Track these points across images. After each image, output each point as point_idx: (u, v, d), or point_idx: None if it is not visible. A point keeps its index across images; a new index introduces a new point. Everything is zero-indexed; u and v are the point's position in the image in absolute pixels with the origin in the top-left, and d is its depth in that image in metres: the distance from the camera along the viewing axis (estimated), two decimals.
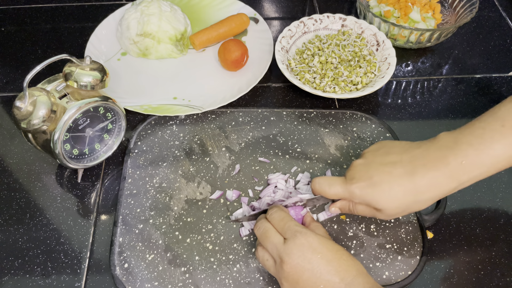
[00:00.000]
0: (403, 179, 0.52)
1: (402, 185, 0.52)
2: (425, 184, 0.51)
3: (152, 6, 0.82)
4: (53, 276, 0.59)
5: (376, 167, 0.54)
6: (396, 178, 0.52)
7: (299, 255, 0.50)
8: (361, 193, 0.54)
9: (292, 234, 0.52)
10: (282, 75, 0.78)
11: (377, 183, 0.53)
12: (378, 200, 0.53)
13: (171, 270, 0.59)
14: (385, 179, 0.52)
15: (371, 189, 0.53)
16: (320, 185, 0.57)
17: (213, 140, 0.72)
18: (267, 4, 0.99)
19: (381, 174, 0.53)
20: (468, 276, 0.60)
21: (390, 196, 0.52)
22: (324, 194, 0.57)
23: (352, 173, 0.55)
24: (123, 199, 0.65)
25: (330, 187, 0.56)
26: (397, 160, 0.53)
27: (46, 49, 0.87)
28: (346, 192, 0.55)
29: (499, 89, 0.82)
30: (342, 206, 0.58)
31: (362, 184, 0.54)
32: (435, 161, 0.51)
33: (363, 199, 0.54)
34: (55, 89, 0.62)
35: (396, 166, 0.53)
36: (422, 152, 0.53)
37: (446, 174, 0.51)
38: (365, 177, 0.54)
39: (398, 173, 0.52)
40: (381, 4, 0.91)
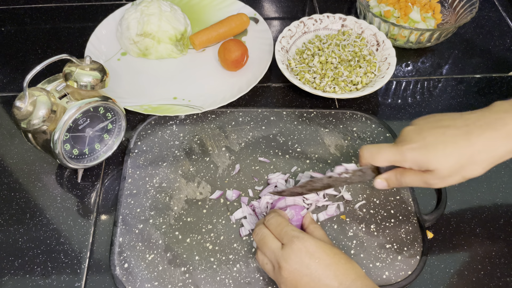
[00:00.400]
0: (459, 137, 0.50)
1: (457, 143, 0.50)
2: (482, 143, 0.50)
3: (152, 6, 0.82)
4: (53, 276, 0.59)
5: (429, 130, 0.52)
6: (451, 137, 0.50)
7: (296, 260, 0.50)
8: (413, 154, 0.51)
9: (289, 239, 0.52)
10: (282, 75, 0.78)
11: (431, 143, 0.51)
12: (431, 159, 0.50)
13: (171, 270, 0.59)
14: (440, 139, 0.51)
15: (425, 149, 0.51)
16: (369, 150, 0.55)
17: (213, 140, 0.72)
18: (267, 4, 0.99)
19: (434, 135, 0.51)
20: (468, 276, 0.60)
21: (445, 153, 0.50)
22: (373, 161, 0.55)
23: (403, 137, 0.53)
24: (123, 199, 0.65)
25: (379, 151, 0.54)
26: (451, 123, 0.52)
27: (46, 49, 0.87)
28: (397, 155, 0.53)
29: (499, 89, 0.82)
30: (389, 178, 0.56)
31: (414, 145, 0.52)
32: (492, 122, 0.50)
33: (415, 161, 0.52)
34: (55, 89, 0.62)
35: (450, 128, 0.51)
36: (477, 115, 0.52)
37: (503, 134, 0.49)
38: (418, 138, 0.52)
39: (452, 133, 0.51)
40: (381, 4, 0.91)
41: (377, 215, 0.64)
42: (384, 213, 0.64)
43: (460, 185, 0.68)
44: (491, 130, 0.50)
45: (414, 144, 0.52)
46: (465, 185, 0.68)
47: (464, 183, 0.68)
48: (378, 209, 0.64)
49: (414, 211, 0.64)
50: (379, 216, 0.63)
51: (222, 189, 0.66)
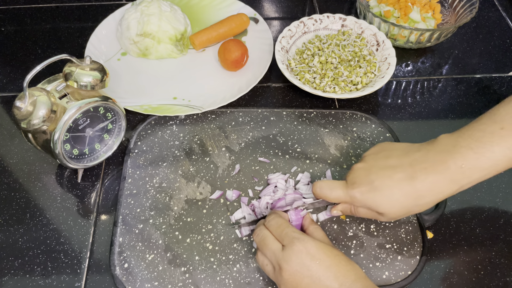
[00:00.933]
0: (404, 183, 0.52)
1: (403, 189, 0.52)
2: (426, 188, 0.51)
3: (152, 6, 0.82)
4: (53, 276, 0.59)
5: (377, 171, 0.54)
6: (397, 182, 0.52)
7: (297, 262, 0.50)
8: (362, 198, 0.54)
9: (290, 241, 0.52)
10: (282, 75, 0.78)
11: (378, 187, 0.53)
12: (380, 204, 0.53)
13: (171, 270, 0.59)
14: (386, 184, 0.53)
15: (372, 193, 0.53)
16: (322, 189, 0.57)
17: (213, 140, 0.72)
18: (267, 4, 0.98)
19: (381, 178, 0.53)
20: (468, 276, 0.60)
21: (391, 200, 0.53)
22: (326, 198, 0.57)
23: (352, 177, 0.56)
24: (123, 199, 0.65)
25: (331, 191, 0.57)
26: (398, 164, 0.53)
27: (46, 49, 0.87)
28: (347, 196, 0.55)
29: (499, 89, 0.82)
30: (344, 209, 0.59)
31: (363, 188, 0.54)
32: (435, 165, 0.51)
33: (364, 204, 0.54)
34: (55, 89, 0.62)
35: (397, 170, 0.53)
36: (422, 155, 0.53)
37: (447, 178, 0.51)
38: (366, 181, 0.54)
39: (398, 177, 0.52)
40: (381, 4, 0.91)
41: None
42: None
43: None
44: (434, 174, 0.51)
45: (363, 187, 0.54)
46: None
47: None
48: None
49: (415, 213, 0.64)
50: None
51: (222, 189, 0.66)
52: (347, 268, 0.50)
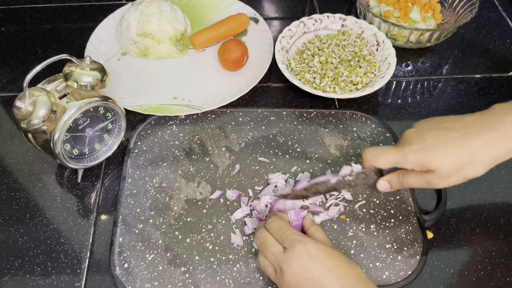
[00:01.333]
0: (458, 139, 0.52)
1: (457, 144, 0.52)
2: (481, 144, 0.51)
3: (152, 6, 0.82)
4: (53, 276, 0.59)
5: (429, 132, 0.54)
6: (451, 139, 0.52)
7: (299, 264, 0.50)
8: (414, 156, 0.53)
9: (291, 243, 0.52)
10: (282, 75, 0.78)
11: (432, 144, 0.52)
12: (432, 159, 0.52)
13: (171, 270, 0.59)
14: (440, 140, 0.52)
15: (426, 150, 0.52)
16: (372, 153, 0.57)
17: (213, 140, 0.72)
18: (267, 4, 0.98)
19: (435, 137, 0.53)
20: (468, 276, 0.60)
21: (444, 154, 0.52)
22: (376, 162, 0.56)
23: (404, 139, 0.55)
24: (123, 199, 0.65)
25: (382, 153, 0.56)
26: (451, 125, 0.53)
27: (46, 49, 0.87)
28: (399, 156, 0.54)
29: (499, 89, 0.82)
30: (391, 179, 0.57)
31: (415, 146, 0.53)
32: (490, 123, 0.52)
33: (416, 161, 0.53)
34: (55, 89, 0.62)
35: (450, 130, 0.53)
36: (476, 118, 0.53)
37: (501, 135, 0.51)
38: (418, 140, 0.53)
39: (452, 135, 0.52)
40: (381, 4, 0.91)
41: (377, 215, 0.64)
42: (384, 213, 0.64)
43: (460, 185, 0.68)
44: (489, 131, 0.51)
45: (415, 145, 0.53)
46: (465, 185, 0.68)
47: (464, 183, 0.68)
48: (378, 209, 0.64)
49: (414, 211, 0.64)
50: (379, 216, 0.63)
51: (222, 189, 0.66)
52: (349, 270, 0.50)
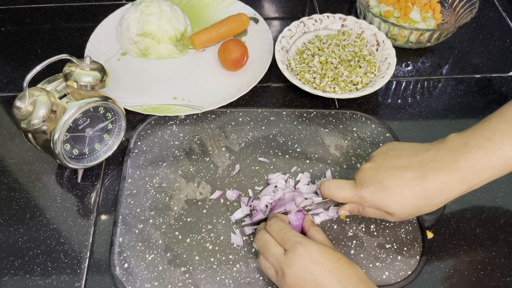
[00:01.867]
0: (414, 183, 0.51)
1: (413, 189, 0.52)
2: (436, 188, 0.51)
3: (152, 6, 0.82)
4: (53, 276, 0.59)
5: (386, 171, 0.53)
6: (407, 182, 0.52)
7: (300, 266, 0.50)
8: (371, 198, 0.54)
9: (292, 245, 0.51)
10: (282, 75, 0.78)
11: (388, 187, 0.52)
12: (390, 204, 0.53)
13: (171, 270, 0.59)
14: (396, 184, 0.52)
15: (382, 193, 0.53)
16: (330, 188, 0.57)
17: (213, 140, 0.72)
18: (267, 4, 0.98)
19: (391, 178, 0.53)
20: (468, 276, 0.60)
21: (401, 200, 0.52)
22: (334, 198, 0.57)
23: (361, 176, 0.55)
24: (123, 199, 0.65)
25: (339, 191, 0.56)
26: (407, 163, 0.53)
27: (46, 49, 0.87)
28: (356, 196, 0.55)
29: (499, 89, 0.82)
30: (352, 209, 0.58)
31: (372, 188, 0.54)
32: (446, 165, 0.51)
33: (373, 204, 0.54)
34: (55, 89, 0.62)
35: (406, 170, 0.52)
36: (432, 155, 0.52)
37: (457, 178, 0.50)
38: (375, 181, 0.53)
39: (408, 177, 0.52)
40: (381, 4, 0.91)
41: None
42: None
43: None
44: (445, 174, 0.51)
45: (372, 187, 0.54)
46: None
47: None
48: None
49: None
50: None
51: (222, 189, 0.66)
52: (350, 271, 0.51)
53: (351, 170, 0.68)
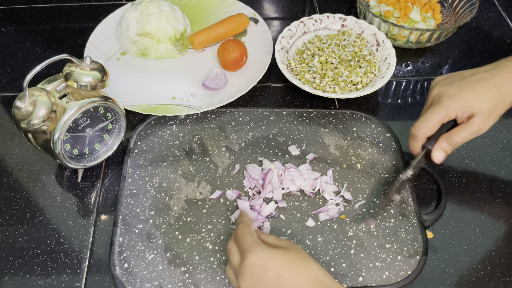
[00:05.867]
0: (488, 82, 0.59)
1: (488, 87, 0.59)
2: (504, 82, 0.59)
3: (152, 6, 0.82)
4: (53, 276, 0.59)
5: (459, 81, 0.60)
6: (481, 82, 0.59)
7: (250, 275, 0.48)
8: (456, 103, 0.58)
9: (243, 253, 0.50)
10: (282, 75, 0.78)
11: (467, 89, 0.59)
12: (473, 101, 0.58)
13: (171, 270, 0.59)
14: (473, 85, 0.59)
15: (464, 94, 0.59)
16: (420, 127, 0.61)
17: (213, 140, 0.72)
18: (267, 4, 0.98)
19: (467, 82, 0.60)
20: (468, 276, 0.60)
21: (482, 94, 0.58)
22: (428, 132, 0.61)
23: (436, 95, 0.61)
24: (123, 199, 0.65)
25: (427, 120, 0.60)
26: (474, 73, 0.61)
27: (46, 49, 0.87)
28: (443, 110, 0.59)
29: None
30: (442, 146, 0.61)
31: (453, 94, 0.59)
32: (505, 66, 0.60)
33: (460, 107, 0.58)
34: (55, 89, 0.62)
35: (477, 75, 0.60)
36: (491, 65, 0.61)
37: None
38: (453, 89, 0.60)
39: (481, 78, 0.60)
40: (381, 4, 0.91)
41: (377, 215, 0.64)
42: (384, 213, 0.64)
43: (460, 185, 0.68)
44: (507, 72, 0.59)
45: (453, 94, 0.59)
46: (465, 185, 0.68)
47: (464, 183, 0.68)
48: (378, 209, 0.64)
49: (414, 211, 0.64)
50: (379, 216, 0.63)
51: (222, 189, 0.66)
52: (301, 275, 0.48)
53: (351, 170, 0.68)
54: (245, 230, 0.53)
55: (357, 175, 0.68)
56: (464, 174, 0.70)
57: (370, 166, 0.69)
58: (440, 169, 0.70)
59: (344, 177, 0.68)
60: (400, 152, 0.70)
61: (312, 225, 0.63)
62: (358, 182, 0.67)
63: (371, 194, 0.66)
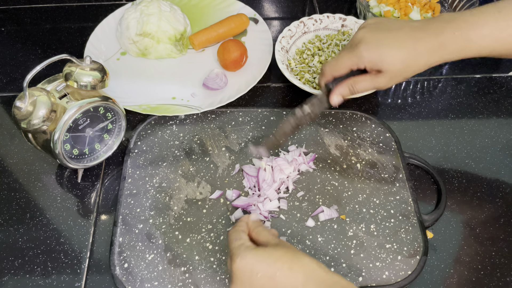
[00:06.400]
0: (408, 42, 0.57)
1: (407, 48, 0.57)
2: (423, 48, 0.57)
3: (152, 6, 0.82)
4: (53, 276, 0.59)
5: (383, 32, 0.59)
6: (402, 42, 0.58)
7: (240, 281, 0.48)
8: (369, 54, 0.58)
9: (232, 258, 0.49)
10: (282, 75, 0.78)
11: (385, 44, 0.58)
12: (386, 59, 0.57)
13: (171, 270, 0.59)
14: (393, 43, 0.58)
15: (380, 49, 0.57)
16: (329, 64, 0.61)
17: (213, 140, 0.72)
18: (267, 4, 0.99)
19: (388, 38, 0.58)
20: (468, 276, 0.60)
21: (396, 56, 0.57)
22: (335, 71, 0.60)
23: (357, 39, 0.59)
24: (123, 199, 0.65)
25: (338, 60, 0.60)
26: (400, 27, 0.59)
27: (46, 49, 0.87)
28: (355, 57, 0.58)
29: (499, 89, 0.82)
30: (342, 90, 0.61)
31: (370, 45, 0.58)
32: (434, 29, 0.57)
33: (371, 59, 0.58)
34: (55, 89, 0.62)
35: (400, 32, 0.58)
36: (422, 24, 0.59)
37: (439, 41, 0.56)
38: (373, 40, 0.58)
39: (403, 37, 0.58)
40: (381, 4, 0.91)
41: (377, 215, 0.64)
42: (384, 213, 0.64)
43: (460, 185, 0.68)
44: (431, 37, 0.57)
45: (370, 44, 0.58)
46: (465, 185, 0.68)
47: (464, 183, 0.68)
48: (378, 209, 0.64)
49: (414, 211, 0.64)
50: (379, 216, 0.63)
51: (222, 189, 0.66)
52: (293, 271, 0.47)
53: (351, 170, 0.68)
54: (233, 236, 0.52)
55: (357, 175, 0.68)
56: (464, 174, 0.70)
57: (370, 166, 0.69)
58: (440, 169, 0.70)
59: (344, 177, 0.68)
60: (400, 152, 0.70)
61: (312, 225, 0.63)
62: (358, 182, 0.67)
63: (371, 194, 0.66)
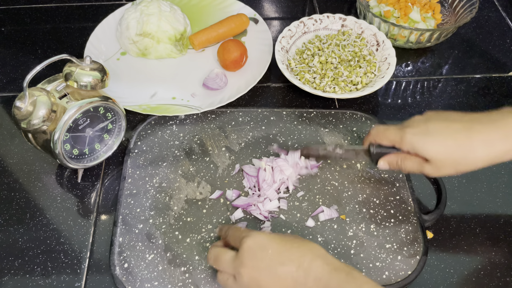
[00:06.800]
0: (460, 134, 0.52)
1: (457, 139, 0.52)
2: (480, 139, 0.52)
3: (152, 6, 0.82)
4: (53, 276, 0.59)
5: (435, 121, 0.55)
6: (453, 132, 0.53)
7: (250, 257, 0.49)
8: (412, 139, 0.54)
9: (240, 241, 0.51)
10: (282, 75, 0.78)
11: (431, 132, 0.54)
12: (429, 148, 0.53)
13: (171, 270, 0.59)
14: (441, 131, 0.53)
15: (424, 136, 0.54)
16: (378, 129, 0.59)
17: (213, 140, 0.72)
18: (267, 4, 0.99)
19: (438, 126, 0.54)
20: (468, 276, 0.60)
21: (441, 146, 0.53)
22: (378, 138, 0.59)
23: (409, 122, 0.57)
24: (123, 199, 0.65)
25: (385, 131, 0.58)
26: (458, 119, 0.54)
27: (46, 49, 0.87)
28: (398, 135, 0.56)
29: (499, 89, 0.82)
30: (390, 160, 0.59)
31: (415, 130, 0.55)
32: (495, 121, 0.52)
33: (412, 144, 0.55)
34: (55, 89, 0.62)
35: (455, 123, 0.53)
36: (483, 114, 0.54)
37: (502, 133, 0.51)
38: (421, 126, 0.55)
39: (455, 128, 0.53)
40: (381, 4, 0.91)
41: (377, 215, 0.64)
42: (384, 213, 0.64)
43: (460, 185, 0.68)
44: (492, 127, 0.52)
45: (416, 129, 0.55)
46: (465, 185, 0.68)
47: (464, 183, 0.68)
48: (378, 209, 0.64)
49: (414, 211, 0.64)
50: (379, 216, 0.63)
51: (222, 189, 0.66)
52: (302, 249, 0.49)
53: (351, 170, 0.68)
54: (235, 228, 0.55)
55: (357, 175, 0.68)
56: (464, 174, 0.70)
57: (370, 166, 0.69)
58: None
59: (344, 177, 0.68)
60: None
61: (312, 225, 0.63)
62: (358, 182, 0.67)
63: (371, 194, 0.66)
